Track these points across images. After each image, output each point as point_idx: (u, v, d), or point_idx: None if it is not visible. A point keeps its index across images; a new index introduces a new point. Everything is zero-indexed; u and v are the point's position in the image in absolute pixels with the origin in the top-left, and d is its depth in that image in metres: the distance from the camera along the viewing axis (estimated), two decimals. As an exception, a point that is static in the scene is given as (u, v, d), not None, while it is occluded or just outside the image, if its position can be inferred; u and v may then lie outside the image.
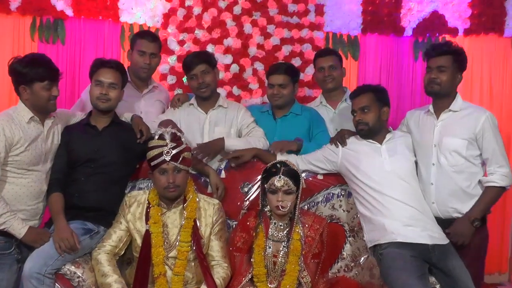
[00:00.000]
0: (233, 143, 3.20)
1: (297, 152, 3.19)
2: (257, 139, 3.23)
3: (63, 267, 2.59)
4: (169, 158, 2.61)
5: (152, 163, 2.65)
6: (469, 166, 2.86)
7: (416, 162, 2.96)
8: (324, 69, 3.59)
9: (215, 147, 3.17)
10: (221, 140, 3.18)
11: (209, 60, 3.31)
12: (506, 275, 4.70)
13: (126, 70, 3.08)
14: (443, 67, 2.89)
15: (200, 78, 3.24)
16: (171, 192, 2.64)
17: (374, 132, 2.94)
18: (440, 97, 2.94)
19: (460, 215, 2.85)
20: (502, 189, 2.85)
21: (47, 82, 2.70)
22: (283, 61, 4.20)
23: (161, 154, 2.62)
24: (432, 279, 2.70)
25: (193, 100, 3.39)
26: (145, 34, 3.53)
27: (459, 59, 2.94)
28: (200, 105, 3.35)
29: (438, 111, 2.95)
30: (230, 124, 3.32)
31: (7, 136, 2.63)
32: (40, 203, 2.80)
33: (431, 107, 2.99)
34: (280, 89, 3.33)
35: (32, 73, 2.69)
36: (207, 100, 3.33)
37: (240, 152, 3.12)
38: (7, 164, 2.66)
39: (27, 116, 2.72)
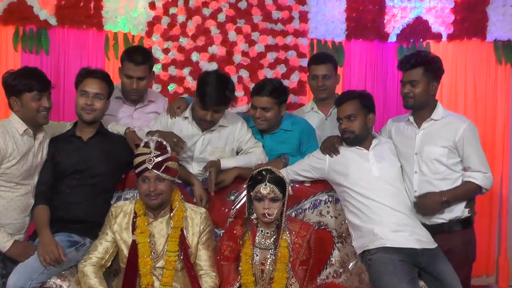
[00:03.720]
0: (228, 164, 3.09)
1: None
2: (255, 156, 3.15)
3: (48, 280, 2.57)
4: (151, 166, 2.60)
5: (136, 170, 2.65)
6: (451, 173, 2.88)
7: (401, 167, 2.98)
8: (318, 78, 3.52)
9: (216, 168, 3.03)
10: (217, 162, 3.07)
11: (228, 102, 3.07)
12: (494, 277, 4.73)
13: (113, 81, 3.05)
14: (414, 81, 2.89)
15: (209, 116, 3.01)
16: (152, 200, 2.63)
17: (360, 139, 2.94)
18: (419, 109, 2.95)
19: (445, 221, 2.87)
20: (479, 188, 2.86)
21: (36, 92, 2.69)
22: (272, 79, 3.98)
23: (144, 161, 2.61)
24: (422, 283, 2.72)
25: (188, 113, 3.16)
26: (132, 56, 3.22)
27: (430, 68, 2.91)
28: (196, 120, 3.14)
29: (419, 121, 2.96)
30: (224, 141, 3.18)
31: (1, 148, 2.61)
32: (27, 217, 2.78)
33: (410, 117, 3.00)
34: (263, 113, 3.16)
35: (21, 84, 2.69)
36: None
37: (221, 177, 3.04)
38: None
39: (21, 128, 2.70)
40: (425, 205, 2.85)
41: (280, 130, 3.29)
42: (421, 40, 4.71)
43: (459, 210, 2.88)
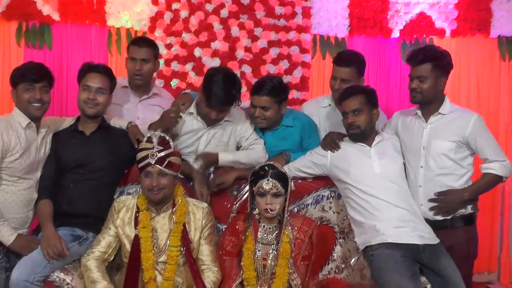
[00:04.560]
0: (226, 159, 3.10)
1: None
2: (255, 153, 3.15)
3: (52, 274, 2.58)
4: (154, 161, 2.61)
5: (139, 165, 2.66)
6: (458, 168, 2.88)
7: (404, 164, 2.98)
8: (336, 80, 3.30)
9: (208, 161, 3.09)
10: (215, 155, 3.10)
11: (234, 102, 3.06)
12: (495, 274, 4.74)
13: (115, 75, 3.06)
14: (422, 77, 2.88)
15: (214, 115, 3.04)
16: (154, 195, 2.64)
17: (365, 135, 2.94)
18: (426, 104, 2.95)
19: (447, 217, 2.87)
20: (499, 178, 2.89)
21: (27, 83, 2.70)
22: (271, 77, 3.78)
23: (146, 156, 2.63)
24: (423, 279, 2.72)
25: (193, 108, 3.17)
26: (136, 40, 3.46)
27: (439, 64, 2.91)
28: (201, 115, 3.15)
29: (426, 115, 2.96)
30: (228, 136, 3.20)
31: (4, 141, 2.62)
32: (30, 211, 2.79)
33: (418, 111, 3.00)
34: (262, 112, 3.13)
35: (17, 75, 2.73)
36: None
37: (221, 179, 3.06)
38: (0, 170, 2.65)
39: (24, 122, 2.72)
40: (447, 203, 2.85)
41: (281, 126, 3.27)
42: (424, 36, 4.70)
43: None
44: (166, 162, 2.62)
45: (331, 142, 3.02)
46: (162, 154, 2.63)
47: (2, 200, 2.67)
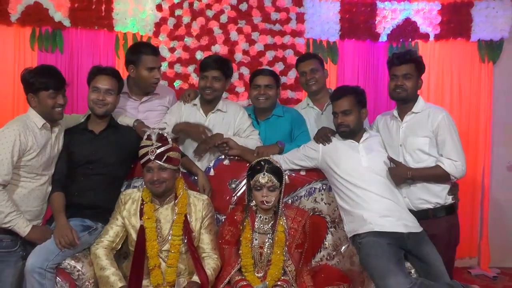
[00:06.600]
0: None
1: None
2: (254, 142, 3.22)
3: (63, 261, 2.59)
4: (153, 157, 2.62)
5: (141, 161, 2.68)
6: (434, 162, 2.89)
7: (389, 158, 3.00)
8: (306, 73, 3.53)
9: (215, 140, 3.15)
10: (221, 135, 3.16)
11: (224, 69, 3.23)
12: (476, 259, 4.76)
13: (125, 79, 3.06)
14: (408, 75, 2.92)
15: (209, 82, 3.18)
16: (156, 188, 2.65)
17: (354, 133, 2.96)
18: (405, 102, 2.97)
19: (430, 206, 2.89)
20: (446, 174, 2.83)
21: (52, 91, 2.69)
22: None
23: (147, 153, 2.64)
24: (408, 264, 2.73)
25: (197, 101, 3.31)
26: (152, 49, 3.27)
27: (419, 66, 2.98)
28: (202, 106, 3.29)
29: (402, 114, 2.99)
30: (227, 128, 3.25)
31: (21, 142, 2.61)
32: (45, 204, 2.79)
33: (395, 112, 3.03)
34: (266, 90, 3.28)
35: (38, 83, 2.68)
36: (209, 102, 3.27)
37: (231, 148, 3.14)
38: (19, 168, 2.64)
39: (39, 122, 2.71)
40: (393, 174, 2.88)
41: (273, 115, 3.37)
42: (410, 40, 4.71)
43: (441, 198, 2.89)
44: (165, 157, 2.63)
45: (323, 136, 3.05)
46: (161, 150, 2.64)
47: (20, 195, 2.67)
